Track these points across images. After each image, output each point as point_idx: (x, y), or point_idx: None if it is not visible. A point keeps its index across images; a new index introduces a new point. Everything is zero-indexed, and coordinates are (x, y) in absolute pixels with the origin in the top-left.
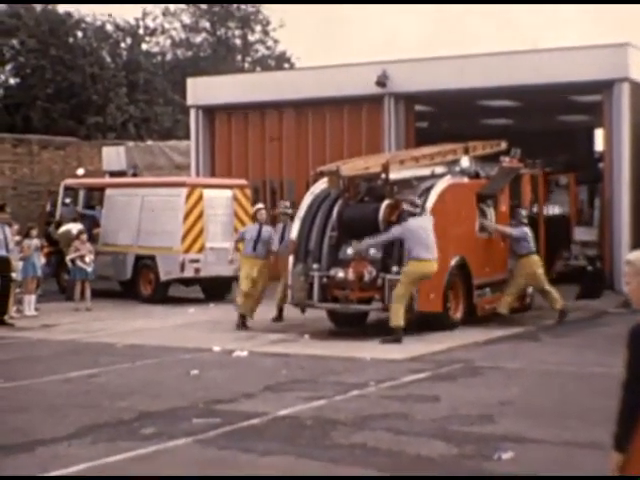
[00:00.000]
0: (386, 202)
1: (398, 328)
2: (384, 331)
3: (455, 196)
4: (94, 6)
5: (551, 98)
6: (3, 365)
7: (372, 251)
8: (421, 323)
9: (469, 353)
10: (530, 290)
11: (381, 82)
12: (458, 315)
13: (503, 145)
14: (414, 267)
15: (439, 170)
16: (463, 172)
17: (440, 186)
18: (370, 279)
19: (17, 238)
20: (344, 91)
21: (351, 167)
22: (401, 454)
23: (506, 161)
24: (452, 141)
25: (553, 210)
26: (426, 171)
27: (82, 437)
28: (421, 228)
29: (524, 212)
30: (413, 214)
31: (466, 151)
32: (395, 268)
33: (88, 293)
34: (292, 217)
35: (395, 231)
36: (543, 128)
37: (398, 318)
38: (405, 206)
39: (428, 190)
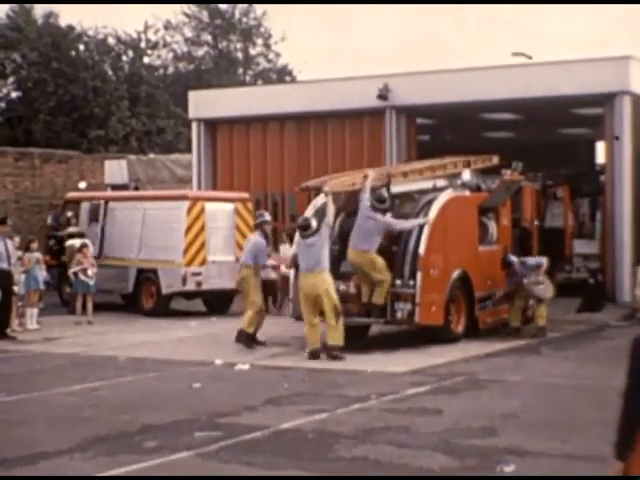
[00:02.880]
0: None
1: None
2: (386, 344)
3: (456, 209)
4: (97, 18)
5: (553, 111)
6: (5, 378)
7: None
8: (422, 336)
9: (471, 366)
10: (531, 302)
11: (383, 95)
12: (460, 328)
13: (495, 160)
14: None
15: (441, 183)
16: (464, 185)
17: (441, 199)
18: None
19: (19, 253)
20: (346, 104)
21: (336, 183)
22: (403, 467)
23: (507, 174)
24: (453, 154)
25: (551, 223)
26: (428, 184)
27: (84, 450)
28: None
29: (511, 256)
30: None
31: (467, 165)
32: (398, 282)
33: (90, 306)
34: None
35: None
36: (544, 141)
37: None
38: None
39: (429, 203)
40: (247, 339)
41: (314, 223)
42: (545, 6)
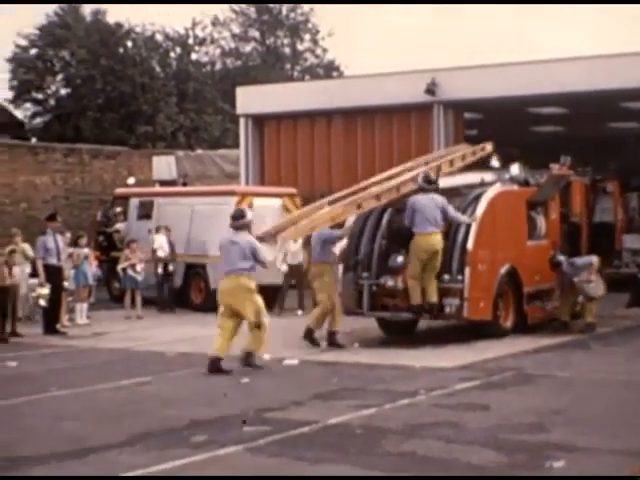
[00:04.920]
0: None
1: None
2: (434, 339)
3: (505, 204)
4: (145, 15)
5: (601, 105)
6: (56, 373)
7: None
8: (471, 331)
9: (519, 361)
10: (580, 298)
11: (430, 90)
12: (508, 323)
13: (488, 148)
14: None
15: (488, 178)
16: (513, 179)
17: (490, 194)
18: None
19: (70, 250)
20: (393, 99)
21: (293, 231)
22: (451, 463)
23: (556, 169)
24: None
25: (600, 217)
26: (475, 179)
27: (133, 445)
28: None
29: (559, 256)
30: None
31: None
32: (447, 277)
33: (139, 301)
34: None
35: None
36: (593, 135)
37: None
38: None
39: (478, 198)
40: (309, 336)
41: (249, 216)
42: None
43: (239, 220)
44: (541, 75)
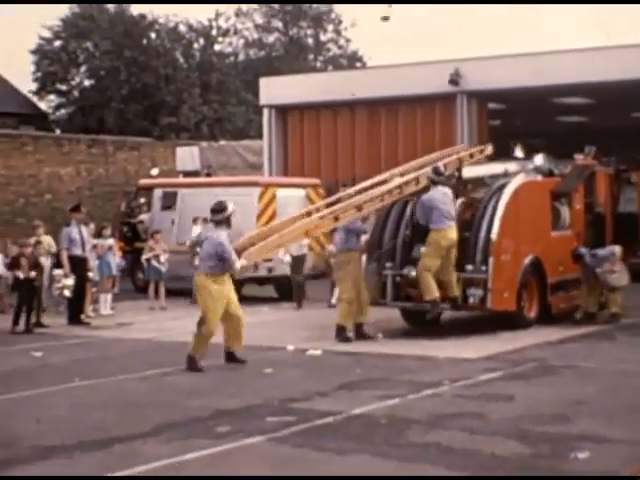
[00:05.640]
0: (460, 200)
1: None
2: (458, 330)
3: (529, 194)
4: (168, 7)
5: (626, 94)
6: (80, 364)
7: None
8: (495, 322)
9: (543, 352)
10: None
11: (454, 80)
12: (532, 314)
13: (488, 150)
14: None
15: (512, 168)
16: (537, 170)
17: (514, 184)
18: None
19: (94, 241)
20: (417, 89)
21: (258, 249)
22: (475, 453)
23: (580, 159)
24: (524, 139)
25: (624, 208)
26: (499, 169)
27: (157, 435)
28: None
29: (581, 248)
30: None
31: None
32: (470, 267)
33: (162, 292)
34: None
35: None
36: (618, 125)
37: None
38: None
39: (501, 188)
40: (339, 333)
41: (230, 209)
42: None
43: (218, 214)
44: (565, 65)
